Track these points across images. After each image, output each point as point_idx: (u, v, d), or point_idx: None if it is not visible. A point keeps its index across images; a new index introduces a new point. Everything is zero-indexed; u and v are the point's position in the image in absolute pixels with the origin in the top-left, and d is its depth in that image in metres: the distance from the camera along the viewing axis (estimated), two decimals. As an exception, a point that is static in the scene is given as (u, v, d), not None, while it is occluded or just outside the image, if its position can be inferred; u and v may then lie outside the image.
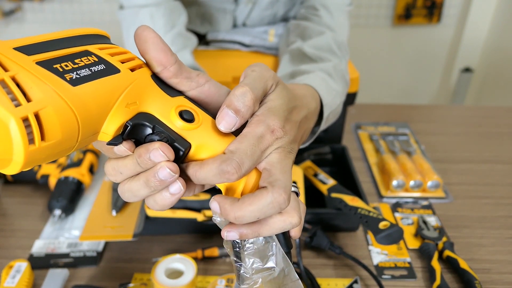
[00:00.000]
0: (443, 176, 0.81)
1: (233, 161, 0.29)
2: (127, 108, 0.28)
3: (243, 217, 0.29)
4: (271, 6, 0.82)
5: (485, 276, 0.60)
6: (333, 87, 0.53)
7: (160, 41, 0.30)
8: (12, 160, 0.23)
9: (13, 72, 0.22)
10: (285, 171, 0.31)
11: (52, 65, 0.24)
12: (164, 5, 0.68)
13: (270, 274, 0.33)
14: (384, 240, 0.56)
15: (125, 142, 0.29)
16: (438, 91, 2.35)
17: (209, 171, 0.29)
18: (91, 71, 0.26)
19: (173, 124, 0.30)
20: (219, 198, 0.31)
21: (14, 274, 0.58)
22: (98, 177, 0.80)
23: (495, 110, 1.09)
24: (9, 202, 0.76)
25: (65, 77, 0.24)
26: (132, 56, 0.30)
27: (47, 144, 0.23)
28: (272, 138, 0.32)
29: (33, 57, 0.24)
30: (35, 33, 0.27)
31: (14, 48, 0.24)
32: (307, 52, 0.61)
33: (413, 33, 2.16)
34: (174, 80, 0.32)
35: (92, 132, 0.27)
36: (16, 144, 0.22)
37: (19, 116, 0.21)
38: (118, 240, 0.65)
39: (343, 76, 0.59)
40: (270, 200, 0.29)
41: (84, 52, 0.27)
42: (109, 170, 0.31)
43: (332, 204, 0.68)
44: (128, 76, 0.28)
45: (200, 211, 0.65)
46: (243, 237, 0.31)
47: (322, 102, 0.48)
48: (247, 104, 0.31)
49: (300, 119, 0.39)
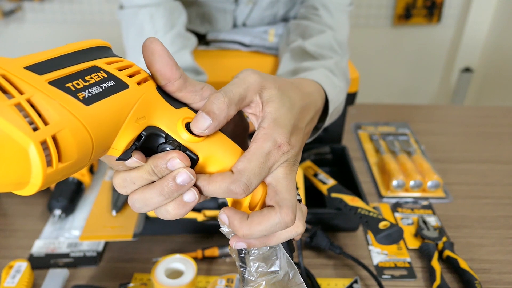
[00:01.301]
0: (443, 176, 0.81)
1: (242, 183, 0.30)
2: (136, 123, 0.28)
3: (251, 235, 0.31)
4: (271, 6, 0.82)
5: (485, 276, 0.61)
6: (336, 83, 0.53)
7: (166, 54, 0.31)
8: (30, 183, 0.22)
9: (29, 95, 0.22)
10: (290, 188, 0.32)
11: (64, 84, 0.24)
12: (164, 5, 0.68)
13: (274, 277, 0.34)
14: (384, 240, 0.56)
15: (135, 154, 0.29)
16: (438, 91, 2.35)
17: (218, 189, 0.30)
18: (102, 88, 0.26)
19: (179, 136, 0.30)
20: (229, 212, 0.31)
21: (14, 274, 0.58)
22: (98, 177, 0.80)
23: (495, 110, 1.09)
24: (9, 202, 0.76)
25: (78, 97, 0.24)
26: (137, 69, 0.30)
27: (64, 165, 0.23)
28: (278, 154, 0.32)
29: (45, 77, 0.23)
30: (35, 33, 0.27)
31: (25, 67, 0.23)
32: (308, 50, 0.61)
33: (413, 33, 2.16)
34: (178, 94, 0.32)
35: (104, 149, 0.27)
36: (35, 168, 0.22)
37: (38, 140, 0.21)
38: (118, 240, 0.65)
39: (344, 74, 0.59)
40: (278, 220, 0.31)
41: (93, 68, 0.27)
42: (119, 183, 0.31)
43: (332, 204, 0.68)
44: (137, 90, 0.28)
45: (200, 211, 0.65)
46: (251, 247, 0.33)
47: (327, 98, 0.48)
48: (220, 107, 0.31)
49: (306, 123, 0.39)
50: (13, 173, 0.22)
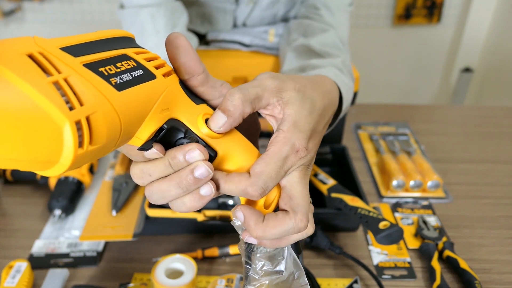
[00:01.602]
0: (443, 176, 0.81)
1: (259, 186, 0.30)
2: (160, 114, 0.28)
3: (265, 237, 0.31)
4: (271, 6, 0.82)
5: (485, 276, 0.61)
6: (345, 81, 0.53)
7: (191, 49, 0.31)
8: (59, 162, 0.22)
9: (66, 74, 0.22)
10: (304, 194, 0.33)
11: (98, 68, 0.24)
12: (165, 5, 0.68)
13: (278, 277, 0.34)
14: (384, 240, 0.56)
15: (156, 145, 0.29)
16: (438, 91, 2.35)
17: (235, 188, 0.31)
18: (132, 76, 0.26)
19: (199, 131, 0.31)
20: (246, 210, 0.32)
21: (14, 274, 0.58)
22: (98, 177, 0.80)
23: (495, 110, 1.09)
24: (9, 202, 0.76)
25: (111, 81, 0.24)
26: (162, 62, 0.31)
27: (93, 148, 0.23)
28: (296, 158, 0.33)
29: (80, 59, 0.24)
30: (35, 33, 0.27)
31: (61, 48, 0.23)
32: (314, 48, 0.61)
33: (413, 33, 2.16)
34: (200, 88, 0.32)
35: (129, 137, 0.27)
36: (66, 147, 0.22)
37: (73, 119, 0.21)
38: (118, 240, 0.65)
39: (350, 72, 0.59)
40: (292, 226, 0.31)
41: (123, 56, 0.27)
42: (136, 173, 0.31)
43: (332, 204, 0.68)
44: (163, 82, 0.29)
45: (200, 211, 0.65)
46: (262, 244, 0.33)
47: (341, 95, 0.48)
48: (235, 103, 0.31)
49: (324, 125, 0.39)
50: (44, 151, 0.21)
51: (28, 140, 0.20)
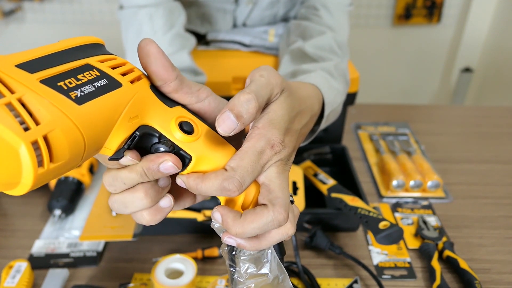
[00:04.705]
0: (443, 176, 0.81)
1: (235, 179, 0.30)
2: (129, 123, 0.28)
3: (244, 233, 0.31)
4: (271, 6, 0.82)
5: (485, 276, 0.61)
6: (335, 86, 0.53)
7: (162, 56, 0.30)
8: (20, 183, 0.22)
9: (20, 94, 0.22)
10: (283, 187, 0.32)
11: (56, 83, 0.24)
12: (164, 5, 0.68)
13: (263, 280, 0.34)
14: (384, 240, 0.56)
15: (130, 152, 0.29)
16: (438, 91, 2.35)
17: (211, 186, 0.30)
18: (94, 87, 0.26)
19: (173, 136, 0.30)
20: (223, 210, 0.31)
21: (14, 274, 0.58)
22: (98, 177, 0.80)
23: (495, 110, 1.09)
24: (9, 202, 0.76)
25: (70, 96, 0.24)
26: (131, 67, 0.30)
27: (55, 165, 0.23)
28: (271, 153, 0.32)
29: (36, 75, 0.23)
30: (35, 33, 0.26)
31: (16, 65, 0.23)
32: (308, 52, 0.61)
33: (413, 33, 2.16)
34: (174, 95, 0.32)
35: (96, 149, 0.26)
36: (25, 168, 0.21)
37: (29, 140, 0.21)
38: (118, 240, 0.65)
39: (344, 76, 0.59)
40: (271, 218, 0.31)
41: (86, 67, 0.26)
42: (109, 181, 0.31)
43: (332, 204, 0.68)
44: (130, 89, 0.28)
45: (200, 211, 0.65)
46: (241, 247, 0.33)
47: (324, 100, 0.49)
48: (250, 112, 0.31)
49: (301, 127, 0.39)
50: (3, 173, 0.21)
51: None
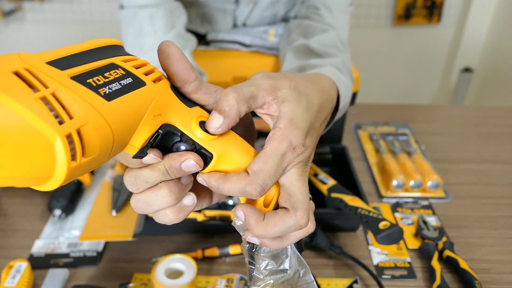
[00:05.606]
0: (443, 176, 0.81)
1: (257, 184, 0.30)
2: (153, 121, 0.28)
3: (266, 236, 0.31)
4: (271, 6, 0.82)
5: (485, 276, 0.61)
6: (344, 81, 0.53)
7: (183, 57, 0.31)
8: (53, 177, 0.22)
9: (53, 89, 0.22)
10: (303, 190, 0.33)
11: (86, 80, 0.24)
12: (164, 5, 0.68)
13: (283, 276, 0.34)
14: (384, 240, 0.56)
15: (153, 151, 0.29)
16: (438, 91, 2.35)
17: (233, 188, 0.31)
18: (121, 85, 0.26)
19: (194, 134, 0.31)
20: (246, 209, 0.32)
21: (14, 274, 0.58)
22: (98, 177, 0.80)
23: (495, 110, 1.09)
24: (9, 202, 0.76)
25: (100, 92, 0.24)
26: (152, 67, 0.31)
27: (86, 159, 0.23)
28: (293, 155, 0.32)
29: (67, 72, 0.24)
30: (35, 33, 0.27)
31: (47, 62, 0.23)
32: (313, 48, 0.61)
33: (413, 33, 2.16)
34: (194, 95, 0.32)
35: (123, 145, 0.27)
36: (59, 161, 0.22)
37: (64, 133, 0.21)
38: (118, 240, 0.65)
39: (350, 72, 0.59)
40: (293, 223, 0.31)
41: (111, 65, 0.27)
42: (131, 180, 0.31)
43: (332, 204, 0.68)
44: (153, 88, 0.29)
45: (200, 211, 0.65)
46: (264, 245, 0.33)
47: (339, 93, 0.48)
48: (230, 103, 0.31)
49: (321, 122, 0.39)
50: (37, 167, 0.21)
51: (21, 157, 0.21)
